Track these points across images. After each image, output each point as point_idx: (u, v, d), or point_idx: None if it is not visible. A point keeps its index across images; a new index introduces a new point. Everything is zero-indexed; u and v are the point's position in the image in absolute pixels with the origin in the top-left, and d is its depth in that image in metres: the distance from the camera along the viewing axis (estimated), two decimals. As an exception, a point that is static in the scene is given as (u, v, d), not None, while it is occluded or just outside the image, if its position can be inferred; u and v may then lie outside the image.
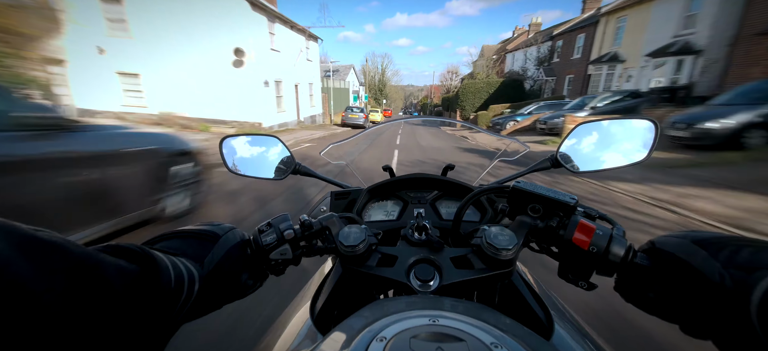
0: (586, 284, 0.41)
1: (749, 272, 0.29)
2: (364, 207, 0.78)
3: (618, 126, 0.65)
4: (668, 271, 0.35)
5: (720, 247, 0.32)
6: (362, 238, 0.44)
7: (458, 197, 0.77)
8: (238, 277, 0.44)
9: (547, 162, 0.68)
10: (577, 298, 1.48)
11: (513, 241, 0.42)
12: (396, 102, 65.43)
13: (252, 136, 0.79)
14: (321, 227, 0.50)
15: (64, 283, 0.22)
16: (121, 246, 0.31)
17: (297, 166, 0.78)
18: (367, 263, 0.45)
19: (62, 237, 0.24)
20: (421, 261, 0.45)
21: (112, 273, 0.26)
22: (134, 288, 0.28)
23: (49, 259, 0.21)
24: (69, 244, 0.24)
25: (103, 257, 0.27)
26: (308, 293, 0.58)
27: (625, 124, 0.65)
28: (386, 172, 0.85)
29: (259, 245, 0.46)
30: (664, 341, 1.52)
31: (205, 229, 0.44)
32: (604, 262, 0.39)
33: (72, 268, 0.23)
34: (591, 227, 0.40)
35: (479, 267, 0.42)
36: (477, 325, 0.27)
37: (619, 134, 0.65)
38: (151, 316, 0.30)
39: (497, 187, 0.54)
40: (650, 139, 0.61)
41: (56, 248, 0.22)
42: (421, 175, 0.77)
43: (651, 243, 0.39)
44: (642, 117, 0.62)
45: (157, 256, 0.32)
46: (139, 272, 0.30)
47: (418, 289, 0.42)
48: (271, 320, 0.58)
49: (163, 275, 0.32)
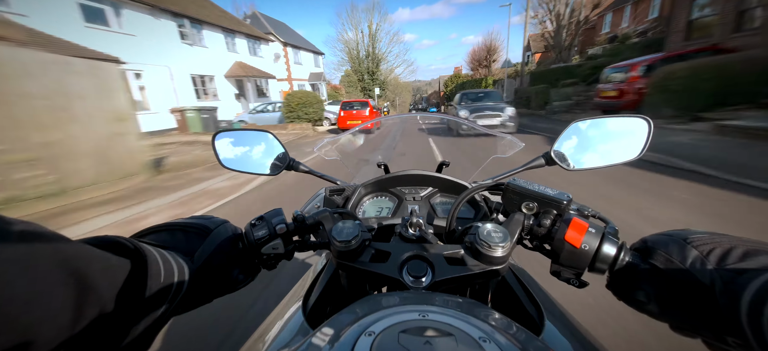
0: (577, 282, 0.42)
1: (740, 273, 0.29)
2: (359, 203, 0.77)
3: (612, 124, 0.66)
4: (660, 270, 0.35)
5: (712, 247, 0.32)
6: (356, 234, 0.44)
7: (453, 193, 0.77)
8: (229, 271, 0.44)
9: (541, 159, 0.68)
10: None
11: (506, 238, 0.42)
12: (402, 96, 49.17)
13: (245, 132, 0.78)
14: (314, 222, 0.50)
15: (51, 276, 0.22)
16: (110, 239, 0.30)
17: (291, 162, 0.78)
18: (360, 259, 0.45)
19: (51, 230, 0.23)
20: (414, 257, 0.45)
21: (101, 267, 0.26)
22: (123, 282, 0.28)
23: (36, 254, 0.21)
24: (56, 238, 0.23)
25: (92, 251, 0.26)
26: (301, 289, 0.58)
27: (618, 122, 0.65)
28: (380, 169, 0.84)
29: (250, 240, 0.46)
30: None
31: (196, 223, 0.43)
32: (595, 260, 0.39)
33: (60, 261, 0.22)
34: (583, 225, 0.40)
35: (472, 264, 0.42)
36: (466, 320, 0.27)
37: (613, 132, 0.65)
38: (140, 310, 0.30)
39: (491, 184, 0.54)
40: (644, 136, 0.61)
41: (43, 242, 0.22)
42: (416, 172, 0.77)
43: (643, 241, 0.39)
44: (636, 115, 0.63)
45: (146, 250, 0.32)
46: (128, 266, 0.29)
47: (411, 284, 0.42)
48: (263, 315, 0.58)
49: (153, 269, 0.31)
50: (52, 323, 0.21)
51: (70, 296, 0.23)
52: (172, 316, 0.36)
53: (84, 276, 0.24)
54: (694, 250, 0.33)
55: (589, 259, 0.39)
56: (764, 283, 0.26)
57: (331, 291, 0.54)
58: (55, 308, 0.21)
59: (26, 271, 0.20)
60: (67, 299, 0.22)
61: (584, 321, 0.52)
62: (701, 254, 0.32)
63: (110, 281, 0.27)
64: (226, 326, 1.71)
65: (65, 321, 0.22)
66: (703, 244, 0.33)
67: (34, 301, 0.20)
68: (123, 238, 0.32)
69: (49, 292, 0.21)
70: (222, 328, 1.70)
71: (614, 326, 1.61)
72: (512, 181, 0.49)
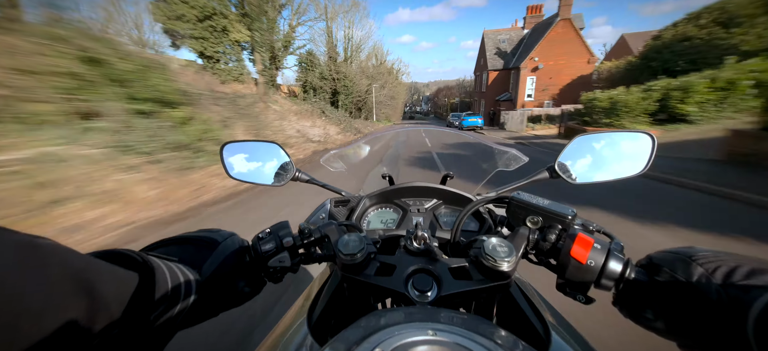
0: (584, 298, 0.41)
1: (746, 290, 0.29)
2: (364, 214, 0.78)
3: (616, 138, 0.66)
4: (666, 287, 0.35)
5: (717, 264, 0.32)
6: (361, 247, 0.44)
7: (457, 205, 0.77)
8: (236, 284, 0.44)
9: (545, 172, 0.68)
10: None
11: (511, 253, 0.41)
12: (396, 100, 36.36)
13: (252, 142, 0.80)
14: (320, 235, 0.50)
15: (63, 289, 0.22)
16: (118, 252, 0.31)
17: (296, 173, 0.79)
18: (366, 272, 0.45)
19: (60, 244, 0.24)
20: (420, 271, 0.45)
21: (110, 280, 0.27)
22: (131, 295, 0.28)
23: (47, 267, 0.22)
24: (67, 251, 0.24)
25: (101, 264, 0.27)
26: (306, 299, 0.58)
27: (622, 137, 0.66)
28: (385, 180, 0.85)
29: (257, 252, 0.47)
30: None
31: (204, 236, 0.44)
32: (601, 276, 0.39)
33: (72, 274, 0.23)
34: (589, 241, 0.40)
35: (477, 278, 0.42)
36: (474, 339, 0.27)
37: (616, 147, 0.65)
38: (147, 323, 0.30)
39: (495, 198, 0.54)
40: (648, 151, 0.61)
41: (54, 255, 0.23)
42: (420, 184, 0.77)
43: (649, 258, 0.39)
44: (640, 131, 0.63)
45: (154, 262, 0.32)
46: (136, 279, 0.30)
47: (416, 299, 0.42)
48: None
49: (161, 282, 0.32)
50: (64, 336, 0.22)
51: (81, 309, 0.23)
52: (179, 329, 0.36)
53: (94, 289, 0.24)
54: (700, 267, 0.33)
55: (595, 276, 0.39)
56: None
57: (336, 303, 0.54)
58: (66, 321, 0.22)
59: (39, 285, 0.21)
60: (78, 312, 0.23)
61: (591, 336, 0.52)
62: (706, 272, 0.32)
63: (119, 294, 0.27)
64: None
65: (76, 333, 0.23)
66: (708, 262, 0.33)
67: (47, 313, 0.20)
68: (131, 250, 0.32)
69: (61, 305, 0.22)
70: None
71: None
72: (516, 194, 0.49)
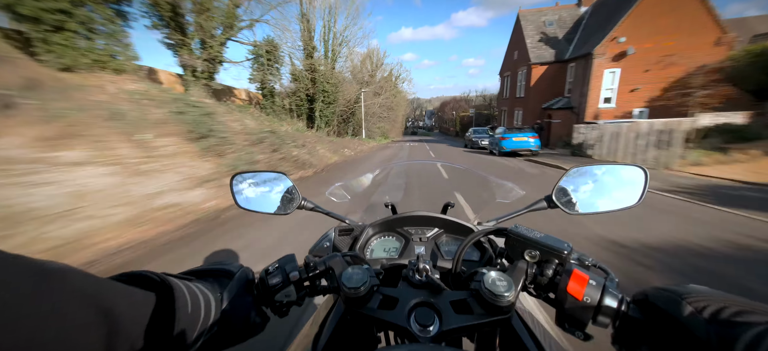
0: (582, 335, 0.42)
1: (732, 326, 0.31)
2: (367, 243, 0.79)
3: (609, 170, 0.69)
4: (659, 325, 0.36)
5: (706, 304, 0.34)
6: (365, 280, 0.45)
7: (458, 234, 0.79)
8: (248, 316, 0.45)
9: (543, 202, 0.70)
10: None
11: (510, 287, 0.42)
12: (395, 111, 33.17)
13: (261, 173, 0.83)
14: (325, 267, 0.52)
15: (81, 316, 0.22)
16: (136, 273, 0.31)
17: (302, 202, 0.81)
18: (369, 305, 0.46)
19: (73, 268, 0.24)
20: (422, 304, 0.46)
21: (127, 303, 0.27)
22: (150, 316, 0.29)
23: (67, 292, 0.22)
24: (80, 276, 0.24)
25: (118, 287, 0.27)
26: (311, 327, 0.59)
27: (615, 170, 0.68)
28: (388, 209, 0.87)
29: (266, 286, 0.47)
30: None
31: (219, 268, 0.45)
32: (598, 313, 0.40)
33: (89, 299, 0.23)
34: (584, 277, 0.41)
35: (478, 312, 0.43)
36: None
37: (610, 179, 0.68)
38: (170, 341, 0.30)
39: (493, 229, 0.56)
40: (641, 184, 0.64)
41: (67, 281, 0.22)
42: (422, 213, 0.80)
43: (644, 295, 0.40)
44: (632, 164, 0.66)
45: (173, 282, 0.33)
46: (153, 299, 0.30)
47: (418, 333, 0.42)
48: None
49: (180, 300, 0.32)
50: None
51: (100, 336, 0.23)
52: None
53: (112, 313, 0.24)
54: (689, 306, 0.35)
55: (591, 313, 0.40)
56: (756, 335, 0.28)
57: (341, 333, 0.55)
58: (85, 347, 0.22)
59: (57, 312, 0.20)
60: (97, 339, 0.23)
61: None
62: (696, 310, 0.34)
63: (137, 317, 0.27)
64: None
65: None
66: (697, 301, 0.35)
67: (66, 341, 0.21)
68: (149, 271, 0.32)
69: (80, 332, 0.22)
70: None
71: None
72: (514, 227, 0.51)
